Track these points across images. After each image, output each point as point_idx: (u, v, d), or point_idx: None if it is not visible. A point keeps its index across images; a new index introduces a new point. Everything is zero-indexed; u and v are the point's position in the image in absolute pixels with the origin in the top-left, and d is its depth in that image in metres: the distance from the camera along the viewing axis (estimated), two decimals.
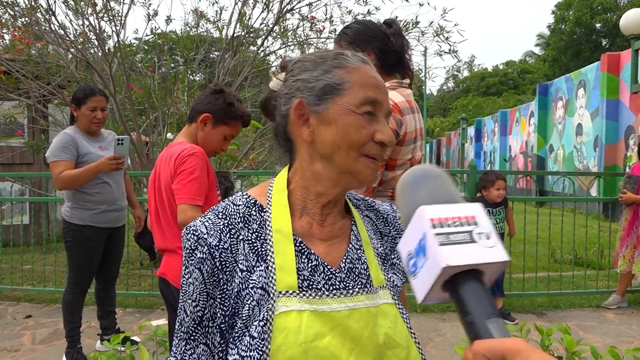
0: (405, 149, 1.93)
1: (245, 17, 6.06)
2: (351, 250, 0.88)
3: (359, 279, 0.86)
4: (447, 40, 5.93)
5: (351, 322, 0.79)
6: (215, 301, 0.79)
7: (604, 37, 28.49)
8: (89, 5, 5.51)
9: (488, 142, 22.23)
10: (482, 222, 0.55)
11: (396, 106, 1.87)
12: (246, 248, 0.82)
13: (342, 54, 0.88)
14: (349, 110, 0.83)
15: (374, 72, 0.87)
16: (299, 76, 0.87)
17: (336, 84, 0.84)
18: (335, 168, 0.84)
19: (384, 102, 0.86)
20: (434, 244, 0.53)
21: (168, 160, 2.16)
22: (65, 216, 3.27)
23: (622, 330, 4.10)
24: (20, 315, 4.43)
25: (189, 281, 0.81)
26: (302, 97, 0.85)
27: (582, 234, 5.50)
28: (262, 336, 0.75)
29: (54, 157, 3.15)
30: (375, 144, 0.83)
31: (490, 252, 0.53)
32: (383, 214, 0.99)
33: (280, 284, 0.79)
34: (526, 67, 44.46)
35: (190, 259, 0.81)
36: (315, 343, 0.75)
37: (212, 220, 0.83)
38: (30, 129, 7.14)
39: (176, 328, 0.82)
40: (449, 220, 0.55)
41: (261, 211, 0.86)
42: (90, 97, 3.24)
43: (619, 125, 11.49)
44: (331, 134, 0.83)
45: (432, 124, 41.85)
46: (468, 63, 57.96)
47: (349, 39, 2.00)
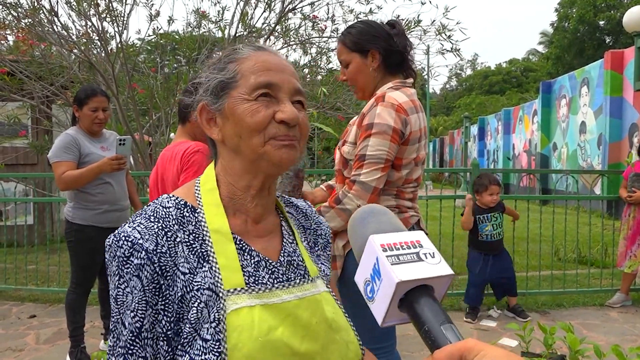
0: (410, 149, 1.94)
1: (247, 17, 6.07)
2: (286, 245, 0.91)
3: (298, 270, 0.89)
4: (449, 38, 5.92)
5: (300, 311, 0.81)
6: (154, 309, 0.76)
7: (608, 34, 28.37)
8: (92, 6, 5.53)
9: (491, 141, 22.18)
10: (426, 244, 0.63)
11: (401, 106, 1.88)
12: (185, 250, 0.80)
13: (236, 49, 0.89)
14: (242, 99, 0.83)
15: (267, 56, 0.87)
16: (199, 80, 0.90)
17: (229, 79, 0.85)
18: (247, 158, 0.84)
19: (282, 83, 0.85)
20: (387, 264, 0.58)
21: (172, 159, 2.16)
22: (68, 216, 3.29)
23: (626, 329, 4.09)
24: (24, 315, 4.45)
25: (126, 291, 0.76)
26: (203, 100, 0.88)
27: (586, 232, 5.48)
28: (216, 337, 0.74)
29: (56, 157, 3.16)
30: (278, 125, 0.83)
31: (437, 268, 0.60)
32: (302, 209, 1.02)
33: (227, 283, 0.78)
34: (529, 65, 44.31)
35: (126, 266, 0.76)
36: (270, 336, 0.76)
37: (145, 224, 0.79)
38: (34, 130, 7.17)
39: (112, 344, 0.77)
40: (397, 244, 0.61)
41: (194, 212, 0.85)
42: (91, 97, 3.26)
43: (622, 123, 11.45)
44: (231, 127, 0.84)
45: (435, 122, 41.77)
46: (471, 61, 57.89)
47: (353, 38, 2.00)
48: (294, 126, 0.84)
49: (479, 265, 4.35)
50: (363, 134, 1.88)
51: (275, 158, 0.83)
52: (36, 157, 7.09)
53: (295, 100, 0.86)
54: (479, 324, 4.23)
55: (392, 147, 1.86)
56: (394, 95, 1.90)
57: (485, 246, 4.36)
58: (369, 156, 1.84)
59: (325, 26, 6.51)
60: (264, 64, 0.85)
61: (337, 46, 2.09)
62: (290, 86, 0.86)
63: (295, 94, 0.86)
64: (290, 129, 0.84)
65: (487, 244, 4.35)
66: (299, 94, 0.87)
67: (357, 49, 1.99)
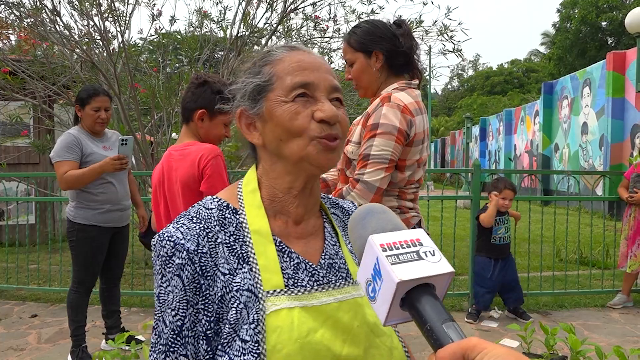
0: (414, 150, 1.94)
1: (249, 17, 6.07)
2: (328, 247, 0.90)
3: (339, 273, 0.87)
4: (451, 39, 5.92)
5: (341, 314, 0.80)
6: (195, 308, 0.77)
7: (610, 35, 28.33)
8: (94, 6, 5.54)
9: (493, 141, 22.16)
10: (426, 242, 0.63)
11: (406, 107, 1.88)
12: (225, 251, 0.81)
13: (269, 51, 0.89)
14: (279, 101, 0.83)
15: (301, 55, 0.86)
16: (235, 86, 0.90)
17: (265, 82, 0.85)
18: (289, 161, 0.84)
19: (318, 81, 0.84)
20: (387, 264, 0.58)
21: (182, 159, 2.15)
22: (70, 216, 3.29)
23: (628, 330, 4.08)
24: (26, 314, 4.46)
25: (168, 289, 0.77)
26: (242, 106, 0.88)
27: (587, 233, 5.48)
28: (255, 338, 0.74)
29: (58, 157, 3.17)
30: (318, 124, 0.82)
31: (437, 266, 0.60)
32: (348, 211, 1.01)
33: (267, 284, 0.79)
34: (531, 65, 44.27)
35: (168, 266, 0.78)
36: (309, 338, 0.75)
37: (187, 225, 0.81)
38: (35, 129, 7.17)
39: (153, 341, 0.79)
40: (397, 244, 0.61)
41: (235, 213, 0.85)
42: (93, 97, 3.27)
43: (624, 124, 11.43)
44: (272, 131, 0.84)
45: (436, 123, 41.74)
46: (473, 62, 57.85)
47: (357, 38, 2.01)
48: (335, 124, 0.83)
49: (490, 270, 4.34)
50: (368, 134, 1.88)
51: (317, 160, 0.83)
52: (38, 156, 7.10)
53: (332, 97, 0.85)
54: (480, 324, 4.22)
55: (396, 148, 1.86)
56: (400, 96, 1.90)
57: (496, 250, 4.36)
58: (373, 156, 1.84)
59: (327, 26, 6.52)
60: (299, 64, 0.84)
61: (343, 45, 2.09)
62: (326, 84, 0.85)
63: (333, 92, 0.85)
64: (332, 127, 0.83)
65: (498, 247, 4.36)
66: (336, 91, 0.86)
67: (361, 49, 1.99)
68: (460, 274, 5.38)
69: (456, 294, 4.82)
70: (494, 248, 4.36)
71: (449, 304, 4.64)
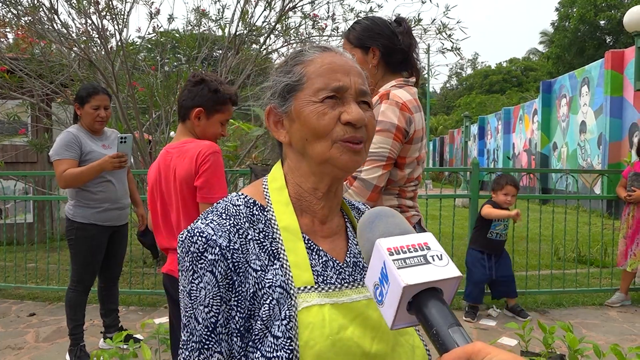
0: (414, 147, 1.92)
1: (247, 15, 6.06)
2: (352, 246, 0.91)
3: (363, 272, 0.88)
4: (449, 37, 5.92)
5: (370, 311, 0.81)
6: (228, 305, 0.77)
7: (608, 34, 28.35)
8: (92, 4, 5.52)
9: (491, 140, 22.18)
10: (433, 246, 0.63)
11: (405, 105, 1.87)
12: (256, 248, 0.81)
13: (301, 51, 0.90)
14: (308, 101, 0.84)
15: (332, 57, 0.87)
16: (267, 84, 0.91)
17: (295, 82, 0.86)
18: (313, 161, 0.85)
19: (348, 85, 0.85)
20: (393, 269, 0.58)
21: (180, 156, 2.14)
22: (69, 214, 3.29)
23: (626, 329, 4.09)
24: (24, 313, 4.45)
25: (200, 286, 0.77)
26: (271, 103, 0.89)
27: (586, 231, 5.49)
28: (287, 334, 0.74)
29: (57, 155, 3.16)
30: (344, 127, 0.83)
31: (444, 270, 0.60)
32: (362, 211, 1.03)
33: (298, 281, 0.79)
34: (530, 64, 44.29)
35: (200, 262, 0.77)
36: (340, 335, 0.76)
37: (217, 221, 0.81)
38: (33, 128, 7.16)
39: (185, 339, 0.78)
40: (404, 247, 0.61)
41: (263, 210, 0.86)
42: (93, 95, 3.26)
43: (623, 123, 11.45)
44: (298, 130, 0.85)
45: (435, 121, 41.75)
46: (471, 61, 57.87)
47: (356, 34, 2.00)
48: (360, 127, 0.84)
49: (479, 264, 4.35)
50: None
51: (340, 163, 0.83)
52: (36, 155, 7.08)
53: (360, 100, 0.86)
54: (479, 323, 4.23)
55: (394, 145, 1.84)
56: (399, 94, 1.89)
57: (491, 245, 4.36)
58: (371, 153, 1.81)
59: (326, 25, 6.51)
60: (330, 66, 0.85)
61: (343, 41, 2.08)
62: (356, 87, 0.85)
63: (361, 95, 0.86)
64: (357, 130, 0.83)
65: (493, 242, 4.36)
66: (365, 94, 0.87)
67: (359, 44, 1.99)
68: None
69: None
70: (489, 243, 4.36)
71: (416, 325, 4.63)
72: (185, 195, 2.12)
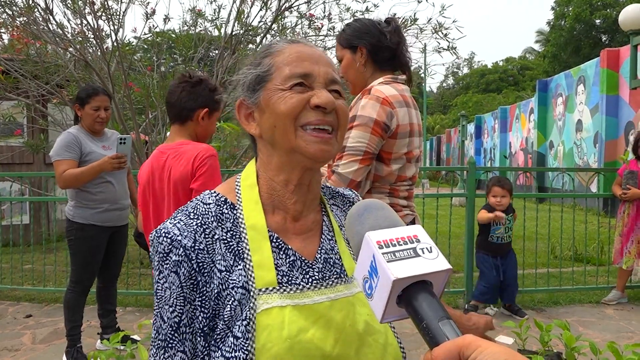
0: (399, 142, 1.91)
1: (243, 15, 6.05)
2: (324, 241, 0.89)
3: (334, 269, 0.87)
4: (445, 37, 5.93)
5: (333, 313, 0.80)
6: (192, 305, 0.77)
7: (604, 33, 28.43)
8: (87, 4, 5.50)
9: (488, 139, 22.22)
10: (423, 239, 0.62)
11: (386, 99, 1.88)
12: (222, 248, 0.80)
13: (271, 44, 0.90)
14: (276, 89, 0.83)
15: (301, 47, 0.87)
16: (236, 77, 0.91)
17: (264, 72, 0.86)
18: (282, 151, 0.84)
19: (316, 73, 0.84)
20: (383, 262, 0.58)
21: (176, 158, 2.14)
22: (69, 215, 3.29)
23: (622, 326, 4.10)
24: (20, 314, 4.44)
25: (165, 286, 0.78)
26: (241, 96, 0.89)
27: (582, 230, 5.50)
28: (246, 335, 0.74)
29: (57, 156, 3.16)
30: (312, 110, 0.82)
31: (433, 263, 0.59)
32: (349, 198, 1.01)
33: (260, 282, 0.78)
34: (526, 63, 44.39)
35: (165, 262, 0.78)
36: (300, 337, 0.75)
37: (184, 221, 0.81)
38: (29, 129, 7.13)
39: (153, 336, 0.79)
40: (393, 240, 0.60)
41: (233, 209, 0.85)
42: (93, 96, 3.28)
43: (618, 121, 11.48)
44: (267, 119, 0.84)
45: (432, 121, 41.80)
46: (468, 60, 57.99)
47: (345, 35, 2.06)
48: (330, 112, 0.83)
49: (489, 265, 4.35)
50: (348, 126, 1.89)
51: (309, 152, 0.82)
52: (32, 156, 7.06)
53: (331, 89, 0.85)
54: None
55: (372, 140, 1.84)
56: (381, 89, 1.90)
57: (494, 248, 4.37)
58: (348, 148, 1.84)
59: (322, 24, 6.51)
60: (298, 55, 0.85)
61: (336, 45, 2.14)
62: (325, 76, 0.85)
63: (331, 84, 0.85)
64: (326, 114, 0.83)
65: (497, 246, 4.37)
66: (335, 83, 0.86)
67: (347, 45, 2.04)
68: (455, 272, 5.39)
69: (452, 292, 4.83)
70: (491, 246, 4.38)
71: (444, 301, 4.65)
72: (179, 197, 2.12)
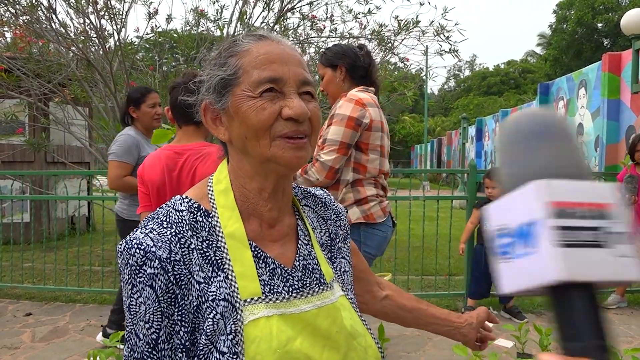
0: (374, 135, 2.34)
1: (245, 16, 6.06)
2: (301, 247, 0.86)
3: (313, 274, 0.84)
4: (447, 39, 5.94)
5: (319, 321, 0.78)
6: (171, 320, 0.72)
7: (606, 36, 28.44)
8: (90, 4, 5.51)
9: (489, 142, 22.22)
10: (617, 215, 0.40)
11: (359, 100, 2.31)
12: (199, 258, 0.75)
13: (236, 41, 0.83)
14: (245, 96, 0.77)
15: (269, 47, 0.80)
16: (201, 78, 0.85)
17: (230, 75, 0.79)
18: (255, 159, 0.79)
19: (287, 76, 0.78)
20: (549, 240, 0.39)
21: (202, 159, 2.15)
22: (122, 214, 3.34)
23: (622, 330, 4.10)
24: (20, 313, 4.44)
25: (139, 301, 0.72)
26: (206, 99, 0.82)
27: None
28: (233, 350, 0.71)
29: (117, 157, 3.20)
30: (285, 122, 0.77)
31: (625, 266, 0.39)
32: (320, 198, 0.97)
33: (244, 292, 0.75)
34: (527, 66, 44.38)
35: (138, 276, 0.72)
36: (288, 347, 0.73)
37: (157, 230, 0.75)
38: (31, 127, 7.14)
39: (127, 355, 0.73)
40: (574, 207, 0.39)
41: (207, 216, 0.79)
42: (147, 94, 3.38)
43: (620, 125, 11.48)
44: (237, 127, 0.79)
45: (433, 123, 41.77)
46: (469, 62, 58.02)
47: (326, 57, 2.51)
48: (303, 121, 0.78)
49: (480, 253, 4.38)
50: (328, 122, 2.35)
51: (284, 160, 0.77)
52: (33, 154, 7.06)
53: (302, 91, 0.80)
54: None
55: (347, 132, 2.28)
56: (356, 93, 2.37)
57: None
58: (328, 140, 2.28)
59: (324, 26, 6.51)
60: (267, 56, 0.78)
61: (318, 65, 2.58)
62: (296, 78, 0.79)
63: (302, 85, 0.80)
64: (299, 124, 0.78)
65: None
66: (307, 84, 0.80)
67: (329, 64, 2.50)
68: (455, 274, 5.39)
69: (452, 294, 4.83)
70: (484, 237, 4.41)
71: (444, 304, 4.65)
72: None
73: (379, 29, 6.28)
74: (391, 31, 6.18)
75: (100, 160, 6.07)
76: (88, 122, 6.92)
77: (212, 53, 0.87)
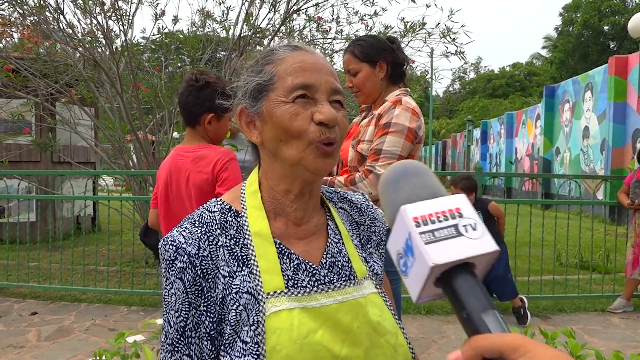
0: (420, 147, 2.21)
1: (251, 18, 6.07)
2: (331, 245, 0.89)
3: (342, 272, 0.87)
4: (453, 41, 5.92)
5: (340, 315, 0.81)
6: (198, 310, 0.79)
7: (612, 39, 28.33)
8: (97, 5, 5.54)
9: (494, 144, 22.16)
10: (466, 213, 0.53)
11: (415, 110, 2.15)
12: (226, 254, 0.82)
13: (272, 50, 0.89)
14: (279, 101, 0.83)
15: (303, 56, 0.86)
16: (237, 84, 0.91)
17: (266, 81, 0.85)
18: (286, 163, 0.84)
19: (319, 84, 0.84)
20: (420, 243, 0.51)
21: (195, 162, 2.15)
22: None
23: (628, 335, 4.08)
24: (25, 312, 4.46)
25: (171, 292, 0.80)
26: (242, 104, 0.89)
27: (588, 237, 5.47)
28: (254, 340, 0.76)
29: None
30: (317, 127, 0.82)
31: (478, 244, 0.51)
32: (357, 204, 1.00)
33: (267, 286, 0.80)
34: (533, 69, 44.28)
35: (171, 269, 0.80)
36: (309, 339, 0.76)
37: (189, 229, 0.83)
38: (37, 127, 7.18)
39: (161, 340, 0.82)
40: (432, 216, 0.53)
41: (237, 216, 0.86)
42: None
43: (626, 129, 11.43)
44: (271, 131, 0.84)
45: (437, 125, 41.74)
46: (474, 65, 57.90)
47: (362, 50, 2.22)
48: (333, 127, 0.83)
49: None
50: (380, 132, 2.13)
51: (312, 166, 0.83)
52: (39, 154, 7.10)
53: (333, 100, 0.85)
54: None
55: (405, 145, 2.11)
56: (409, 100, 2.18)
57: None
58: (384, 151, 2.09)
59: (330, 27, 6.52)
60: (301, 65, 0.84)
61: (345, 56, 2.28)
62: (327, 86, 0.84)
63: (333, 94, 0.85)
64: (330, 129, 0.83)
65: None
66: (337, 93, 0.86)
67: (366, 59, 2.22)
68: None
69: None
70: None
71: (443, 305, 4.63)
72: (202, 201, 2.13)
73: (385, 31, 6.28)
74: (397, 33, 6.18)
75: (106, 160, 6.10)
76: (94, 123, 6.96)
77: (250, 61, 0.92)
